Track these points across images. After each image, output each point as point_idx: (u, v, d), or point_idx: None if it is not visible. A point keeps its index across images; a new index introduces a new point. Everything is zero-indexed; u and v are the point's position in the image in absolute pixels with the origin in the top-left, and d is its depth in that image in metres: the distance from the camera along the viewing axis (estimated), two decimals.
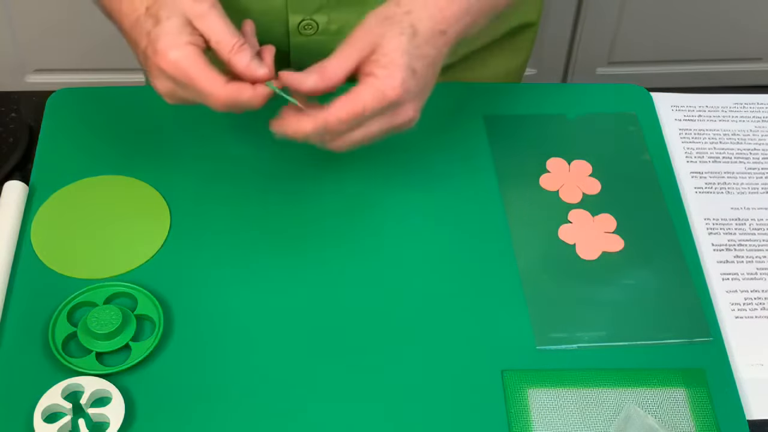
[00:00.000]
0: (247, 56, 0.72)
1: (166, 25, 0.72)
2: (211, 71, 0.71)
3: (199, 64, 0.71)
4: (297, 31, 0.90)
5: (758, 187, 0.88)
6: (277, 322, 0.76)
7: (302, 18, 0.89)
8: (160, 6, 0.72)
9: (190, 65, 0.71)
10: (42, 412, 0.70)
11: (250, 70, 0.72)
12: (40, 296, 0.77)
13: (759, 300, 0.80)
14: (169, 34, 0.71)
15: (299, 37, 0.90)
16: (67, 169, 0.85)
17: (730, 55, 1.99)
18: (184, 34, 0.71)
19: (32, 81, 1.90)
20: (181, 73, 0.71)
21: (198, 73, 0.71)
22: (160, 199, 0.83)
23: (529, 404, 0.72)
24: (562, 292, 0.79)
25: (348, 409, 0.72)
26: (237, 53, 0.72)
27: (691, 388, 0.74)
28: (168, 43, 0.71)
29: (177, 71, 0.71)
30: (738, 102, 0.95)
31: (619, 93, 0.94)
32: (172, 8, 0.72)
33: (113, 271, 0.79)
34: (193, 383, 0.73)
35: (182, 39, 0.71)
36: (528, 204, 0.85)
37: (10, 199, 0.82)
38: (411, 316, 0.77)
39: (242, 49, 0.72)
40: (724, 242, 0.84)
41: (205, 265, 0.80)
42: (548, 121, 0.91)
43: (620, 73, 1.97)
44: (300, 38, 0.90)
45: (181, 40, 0.71)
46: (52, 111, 0.90)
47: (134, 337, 0.74)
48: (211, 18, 0.72)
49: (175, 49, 0.71)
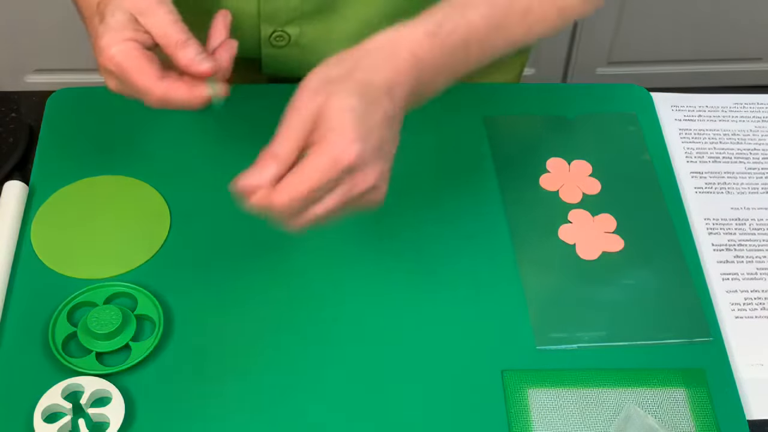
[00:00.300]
0: (192, 51, 0.70)
1: (110, 22, 0.70)
2: (147, 67, 0.69)
3: (134, 59, 0.69)
4: (268, 43, 0.89)
5: (758, 187, 0.88)
6: (277, 322, 0.76)
7: (274, 29, 0.88)
8: (107, 2, 0.72)
9: (126, 59, 0.69)
10: (42, 412, 0.70)
11: (193, 64, 0.69)
12: (40, 296, 0.77)
13: (759, 300, 0.80)
14: (112, 31, 0.70)
15: (271, 49, 0.90)
16: (67, 169, 0.85)
17: (730, 55, 1.99)
18: (127, 30, 0.70)
19: (32, 81, 1.90)
20: (119, 68, 0.70)
21: (133, 68, 0.69)
22: (160, 199, 0.83)
23: (529, 404, 0.72)
24: (562, 292, 0.79)
25: (348, 409, 0.72)
26: (181, 48, 0.70)
27: (691, 388, 0.74)
28: (109, 39, 0.70)
29: (116, 67, 0.70)
30: (738, 102, 0.95)
31: (619, 93, 0.94)
32: (118, 4, 0.71)
33: (113, 271, 0.79)
34: (193, 383, 0.73)
35: (124, 35, 0.70)
36: (528, 204, 0.85)
37: (10, 199, 0.82)
38: (411, 316, 0.77)
39: (187, 44, 0.70)
40: (724, 242, 0.84)
41: (205, 265, 0.80)
42: (548, 121, 0.91)
43: (620, 73, 1.97)
44: (272, 49, 0.90)
45: (122, 36, 0.70)
46: (52, 111, 0.90)
47: (134, 337, 0.74)
48: (156, 13, 0.71)
49: (115, 45, 0.70)
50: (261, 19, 0.87)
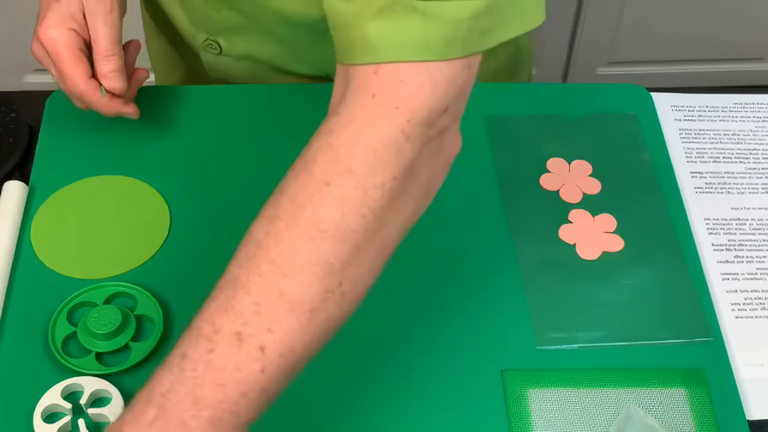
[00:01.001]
0: (111, 66, 0.78)
1: (62, 5, 0.76)
2: (80, 61, 0.77)
3: (70, 50, 0.76)
4: (203, 49, 0.90)
5: (758, 187, 0.88)
6: None
7: (206, 37, 0.89)
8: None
9: (63, 47, 0.76)
10: (42, 412, 0.70)
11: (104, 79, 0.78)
12: (40, 296, 0.77)
13: (759, 300, 0.80)
14: (59, 14, 0.76)
15: (207, 55, 0.90)
16: (67, 169, 0.85)
17: (730, 55, 1.99)
18: (74, 21, 0.76)
19: (32, 81, 1.90)
20: (53, 51, 0.76)
21: (67, 57, 0.76)
22: (160, 199, 0.83)
23: (529, 404, 0.72)
24: (562, 292, 0.79)
25: (348, 409, 0.72)
26: (104, 59, 0.77)
27: (691, 388, 0.74)
28: (53, 20, 0.76)
29: (51, 48, 0.76)
30: (738, 102, 0.95)
31: (619, 93, 0.94)
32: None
33: (113, 271, 0.79)
34: None
35: (69, 24, 0.76)
36: (528, 204, 0.85)
37: (10, 199, 0.82)
38: (411, 316, 0.77)
39: (109, 59, 0.77)
40: (724, 242, 0.84)
41: (205, 265, 0.80)
42: (548, 121, 0.91)
43: (620, 73, 1.97)
44: (208, 56, 0.90)
45: (67, 25, 0.76)
46: (52, 111, 0.90)
47: (134, 337, 0.74)
48: (99, 20, 0.77)
49: (57, 28, 0.76)
50: (193, 26, 0.89)
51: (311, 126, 0.88)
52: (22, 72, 1.90)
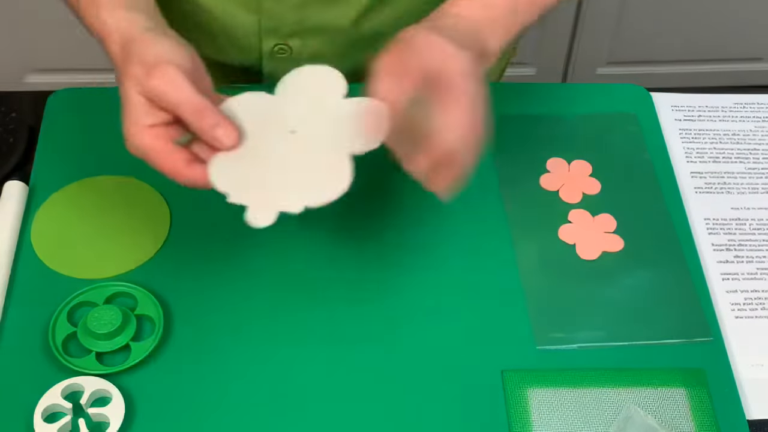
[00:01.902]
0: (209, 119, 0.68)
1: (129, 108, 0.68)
2: (172, 154, 0.68)
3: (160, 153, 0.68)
4: (270, 56, 0.90)
5: (758, 187, 0.88)
6: (277, 322, 0.76)
7: (276, 42, 0.88)
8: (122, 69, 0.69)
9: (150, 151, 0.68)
10: (42, 412, 0.70)
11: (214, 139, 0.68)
12: (40, 296, 0.77)
13: (759, 300, 0.80)
14: (133, 119, 0.68)
15: (272, 62, 0.90)
16: (67, 169, 0.85)
17: (730, 55, 1.99)
18: (147, 116, 0.68)
19: (32, 81, 1.90)
20: (145, 157, 0.68)
21: (158, 159, 0.68)
22: (160, 199, 0.83)
23: (529, 404, 0.72)
24: (562, 292, 0.79)
25: (348, 409, 0.72)
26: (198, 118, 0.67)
27: (691, 388, 0.74)
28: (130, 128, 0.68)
29: (142, 156, 0.68)
30: (738, 102, 0.95)
31: (619, 93, 0.94)
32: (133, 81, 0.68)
33: (113, 271, 0.79)
34: (193, 383, 0.73)
35: (144, 122, 0.68)
36: (528, 204, 0.85)
37: (10, 199, 0.82)
38: (411, 316, 0.77)
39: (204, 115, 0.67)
40: (724, 242, 0.84)
41: (205, 265, 0.80)
42: (548, 121, 0.91)
43: (620, 73, 1.97)
44: (273, 62, 0.90)
45: (143, 124, 0.68)
46: (52, 111, 0.90)
47: (134, 337, 0.74)
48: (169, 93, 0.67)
49: (136, 136, 0.68)
50: (263, 34, 0.88)
51: None
52: (22, 72, 1.90)
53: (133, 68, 0.68)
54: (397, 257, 0.81)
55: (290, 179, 0.69)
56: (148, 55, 0.68)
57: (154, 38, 0.69)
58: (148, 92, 0.67)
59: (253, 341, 0.75)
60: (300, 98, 0.72)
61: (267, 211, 0.68)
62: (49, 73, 1.89)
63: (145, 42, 0.69)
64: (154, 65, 0.67)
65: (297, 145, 0.70)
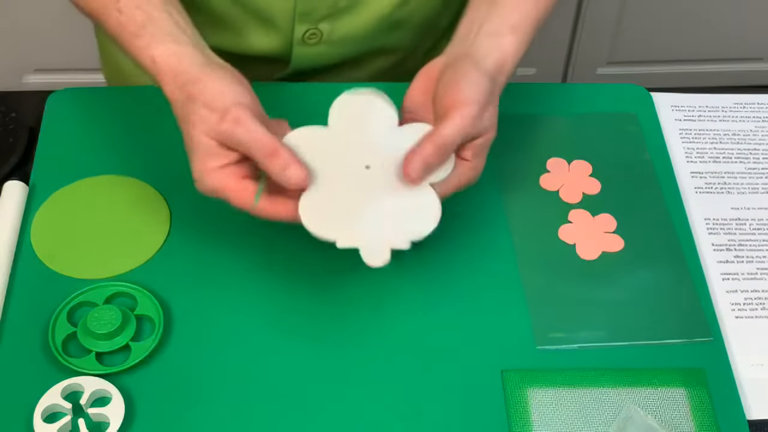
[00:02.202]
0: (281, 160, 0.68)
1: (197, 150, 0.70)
2: (245, 189, 0.70)
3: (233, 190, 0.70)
4: (302, 41, 0.90)
5: (758, 187, 0.88)
6: (277, 322, 0.76)
7: (308, 28, 0.89)
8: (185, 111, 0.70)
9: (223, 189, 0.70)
10: (42, 412, 0.70)
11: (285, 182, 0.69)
12: (40, 296, 0.77)
13: (759, 300, 0.80)
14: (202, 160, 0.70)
15: (302, 47, 0.91)
16: (67, 169, 0.85)
17: (730, 55, 1.99)
18: (217, 157, 0.69)
19: (32, 81, 1.90)
20: (218, 196, 0.70)
21: (230, 196, 0.70)
22: (160, 199, 0.83)
23: (529, 404, 0.72)
24: (562, 292, 0.79)
25: (348, 409, 0.72)
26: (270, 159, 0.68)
27: (691, 388, 0.74)
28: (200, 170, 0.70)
29: (215, 195, 0.70)
30: (738, 102, 0.95)
31: (619, 93, 0.94)
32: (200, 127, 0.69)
33: (113, 271, 0.79)
34: (193, 383, 0.73)
35: (214, 163, 0.69)
36: (528, 204, 0.85)
37: (10, 199, 0.82)
38: (411, 316, 0.77)
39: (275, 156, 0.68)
40: (724, 242, 0.84)
41: (205, 265, 0.80)
42: (548, 121, 0.91)
43: (620, 73, 1.98)
44: (302, 48, 0.91)
45: (214, 165, 0.69)
46: (52, 111, 0.90)
47: (134, 337, 0.74)
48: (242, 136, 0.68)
49: (207, 178, 0.70)
50: (296, 18, 0.88)
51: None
52: (22, 72, 1.90)
53: (198, 111, 0.69)
54: (397, 257, 0.81)
55: (385, 215, 0.71)
56: (211, 96, 0.69)
57: (211, 75, 0.70)
58: (219, 135, 0.69)
59: (253, 341, 0.75)
60: (356, 129, 0.72)
61: (380, 251, 0.69)
62: (49, 73, 1.88)
63: (204, 81, 0.70)
64: (225, 110, 0.68)
65: (377, 181, 0.71)
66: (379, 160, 0.72)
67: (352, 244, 0.69)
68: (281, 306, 0.77)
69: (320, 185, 0.71)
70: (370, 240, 0.70)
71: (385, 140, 0.72)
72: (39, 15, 1.83)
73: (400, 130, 0.72)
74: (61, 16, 1.82)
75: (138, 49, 0.73)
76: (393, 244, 0.70)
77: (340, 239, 0.69)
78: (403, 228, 0.70)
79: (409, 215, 0.71)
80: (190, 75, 0.70)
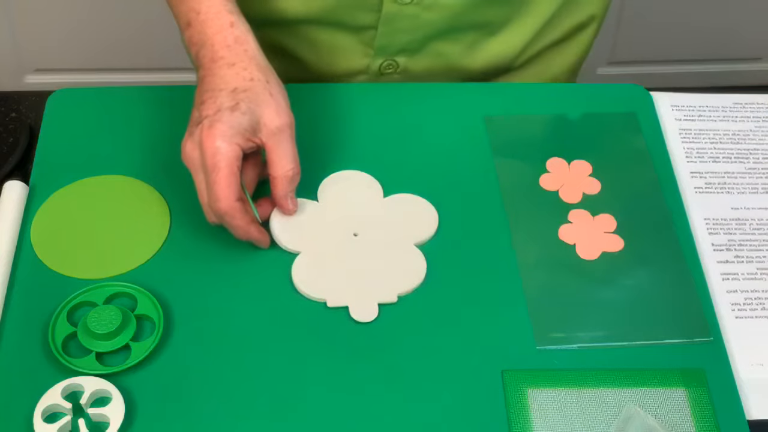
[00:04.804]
0: (291, 187, 0.77)
1: (234, 118, 0.73)
2: (235, 180, 0.73)
3: (231, 168, 0.73)
4: (379, 73, 0.92)
5: (758, 187, 0.88)
6: (278, 322, 0.76)
7: (384, 59, 0.90)
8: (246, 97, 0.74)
9: (226, 162, 0.73)
10: (42, 412, 0.70)
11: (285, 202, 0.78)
12: (40, 296, 0.77)
13: (759, 300, 0.80)
14: (232, 127, 0.73)
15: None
16: (67, 169, 0.85)
17: (730, 55, 1.99)
18: (243, 135, 0.74)
19: (32, 81, 1.90)
20: (213, 162, 0.73)
21: (225, 174, 0.73)
22: (160, 199, 0.83)
23: (529, 404, 0.72)
24: (562, 292, 0.79)
25: (348, 409, 0.72)
26: (285, 177, 0.76)
27: (691, 388, 0.74)
28: (226, 131, 0.73)
29: (211, 159, 0.73)
30: (738, 102, 0.95)
31: (619, 93, 0.94)
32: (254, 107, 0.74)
33: (113, 271, 0.79)
34: (193, 383, 0.73)
35: (236, 138, 0.73)
36: (528, 204, 0.85)
37: (10, 199, 0.82)
38: (411, 316, 0.77)
39: (294, 179, 0.77)
40: (724, 242, 0.84)
41: (205, 265, 0.80)
42: (548, 121, 0.91)
43: (620, 73, 1.98)
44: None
45: (234, 138, 0.73)
46: (52, 111, 0.90)
47: (134, 337, 0.74)
48: (280, 142, 0.75)
49: (226, 141, 0.73)
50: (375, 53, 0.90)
51: (311, 125, 0.88)
52: (22, 72, 1.90)
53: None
54: None
55: (373, 275, 0.78)
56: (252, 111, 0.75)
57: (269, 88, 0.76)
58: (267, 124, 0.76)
59: (253, 341, 0.75)
60: (344, 203, 0.82)
61: (368, 307, 0.76)
62: (49, 73, 1.88)
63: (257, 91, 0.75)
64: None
65: (365, 246, 0.79)
66: (368, 229, 0.80)
67: (341, 303, 0.76)
68: (281, 306, 0.77)
69: (311, 250, 0.79)
70: (359, 298, 0.76)
71: (372, 211, 0.81)
72: (39, 15, 1.83)
73: (388, 202, 0.82)
74: (61, 16, 1.82)
75: None
76: (381, 300, 0.77)
77: (330, 299, 0.76)
78: (391, 285, 0.77)
79: (396, 273, 0.78)
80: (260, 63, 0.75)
